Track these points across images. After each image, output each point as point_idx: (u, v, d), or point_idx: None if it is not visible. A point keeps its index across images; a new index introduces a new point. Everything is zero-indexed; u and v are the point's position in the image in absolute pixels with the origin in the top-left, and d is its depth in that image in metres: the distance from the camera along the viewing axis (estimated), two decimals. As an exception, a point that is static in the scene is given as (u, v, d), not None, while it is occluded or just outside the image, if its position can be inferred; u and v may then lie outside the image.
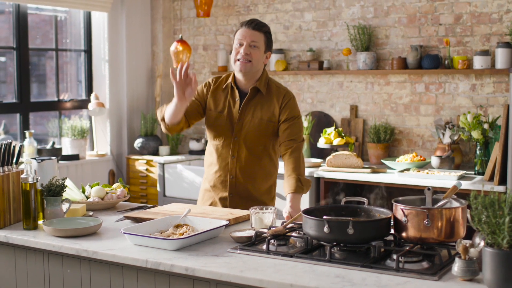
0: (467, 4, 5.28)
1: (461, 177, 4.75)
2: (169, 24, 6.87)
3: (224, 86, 3.40)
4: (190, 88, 3.11)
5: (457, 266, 2.18)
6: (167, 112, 3.27)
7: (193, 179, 5.93)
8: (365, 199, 2.81)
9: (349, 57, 5.79)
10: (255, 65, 3.29)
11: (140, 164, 6.43)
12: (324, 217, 2.45)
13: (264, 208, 2.93)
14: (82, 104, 6.49)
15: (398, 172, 4.95)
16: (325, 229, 2.43)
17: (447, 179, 4.68)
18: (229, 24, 6.52)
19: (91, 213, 3.32)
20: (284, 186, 3.29)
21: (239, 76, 3.35)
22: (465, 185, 4.51)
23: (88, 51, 6.55)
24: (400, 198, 2.61)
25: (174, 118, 3.25)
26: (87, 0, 6.16)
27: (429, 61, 5.30)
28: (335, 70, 5.87)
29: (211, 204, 3.48)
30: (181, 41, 6.16)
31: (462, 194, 4.62)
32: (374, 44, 5.71)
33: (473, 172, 4.95)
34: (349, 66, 5.80)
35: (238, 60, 3.28)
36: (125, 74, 6.62)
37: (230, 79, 3.39)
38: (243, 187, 3.39)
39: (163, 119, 3.34)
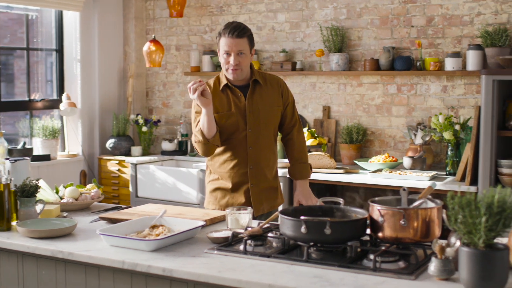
0: (439, 6, 5.33)
1: (433, 178, 4.80)
2: (141, 24, 6.84)
3: (221, 88, 3.48)
4: (205, 91, 3.22)
5: (433, 266, 2.21)
6: (204, 128, 3.33)
7: (166, 180, 5.91)
8: (341, 199, 2.83)
9: (322, 58, 5.81)
10: (245, 70, 3.43)
11: (112, 164, 6.39)
12: (302, 217, 2.47)
13: (241, 209, 2.95)
14: (53, 104, 6.43)
15: (371, 172, 4.99)
16: (303, 229, 2.44)
17: (419, 179, 4.72)
18: (202, 24, 6.51)
19: (65, 214, 3.29)
20: (294, 171, 3.63)
21: (231, 78, 3.46)
22: (437, 185, 4.55)
23: (60, 50, 6.49)
24: (377, 198, 2.64)
25: (212, 129, 3.33)
26: (58, -1, 6.11)
27: (401, 63, 5.34)
28: (308, 71, 5.90)
29: (227, 201, 3.52)
30: (154, 41, 6.13)
31: (435, 194, 4.67)
32: (346, 46, 5.74)
33: (444, 173, 5.00)
34: (322, 67, 5.83)
35: (229, 69, 3.40)
36: (97, 74, 6.57)
37: (224, 81, 3.48)
38: (262, 174, 3.53)
39: (203, 141, 3.37)
